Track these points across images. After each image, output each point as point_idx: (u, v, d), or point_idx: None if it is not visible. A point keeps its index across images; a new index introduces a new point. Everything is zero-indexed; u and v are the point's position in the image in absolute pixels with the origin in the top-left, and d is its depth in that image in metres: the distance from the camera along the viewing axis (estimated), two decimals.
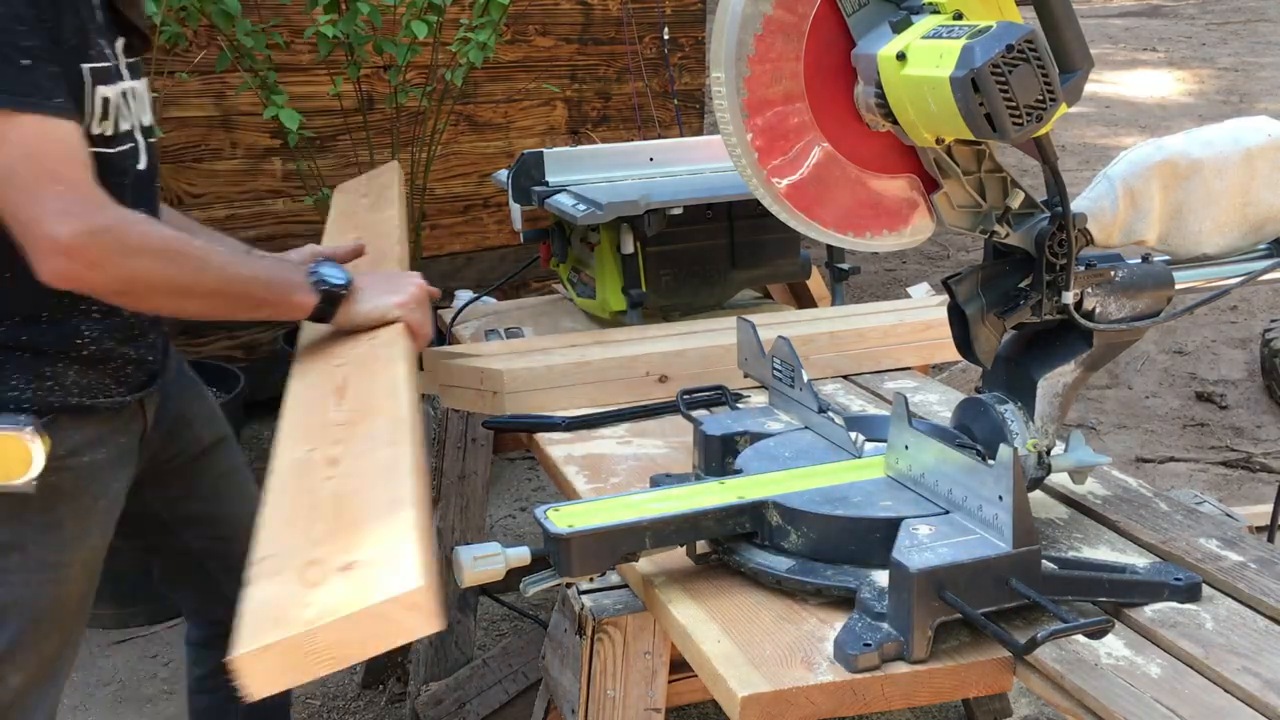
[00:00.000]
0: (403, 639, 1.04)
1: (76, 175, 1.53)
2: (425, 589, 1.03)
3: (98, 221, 1.51)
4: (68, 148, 1.53)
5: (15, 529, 1.67)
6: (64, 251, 1.49)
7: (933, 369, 2.35)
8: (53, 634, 1.75)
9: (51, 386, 1.66)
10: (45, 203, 1.49)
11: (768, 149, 1.44)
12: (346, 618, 1.03)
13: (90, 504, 1.74)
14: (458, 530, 2.62)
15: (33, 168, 1.50)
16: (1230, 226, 1.59)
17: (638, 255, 2.34)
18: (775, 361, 1.77)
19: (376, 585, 1.06)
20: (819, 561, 1.43)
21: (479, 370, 2.07)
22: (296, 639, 1.01)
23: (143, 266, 1.56)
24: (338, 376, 1.63)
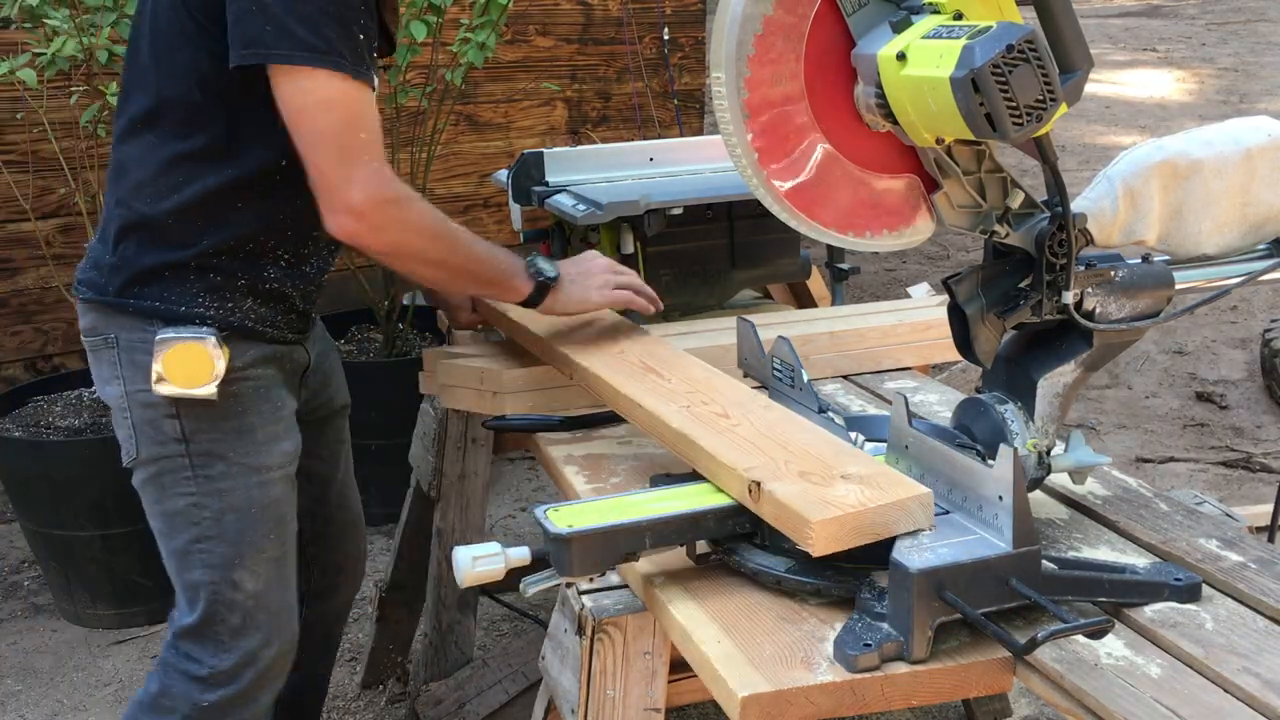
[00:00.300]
0: (908, 528, 1.35)
1: (379, 148, 1.74)
2: (929, 494, 1.37)
3: (389, 193, 1.73)
4: (376, 121, 1.75)
5: (213, 437, 1.86)
6: (357, 214, 1.71)
7: (933, 369, 2.35)
8: (271, 536, 1.93)
9: (232, 309, 1.87)
10: (354, 168, 1.70)
11: (768, 149, 1.44)
12: (888, 504, 1.34)
13: (274, 413, 1.93)
14: (458, 530, 2.62)
15: (352, 133, 1.70)
16: (1230, 226, 1.59)
17: (638, 255, 2.34)
18: (775, 361, 1.77)
19: (894, 487, 1.37)
20: (819, 561, 1.43)
21: (479, 370, 2.07)
22: (857, 514, 1.33)
23: (413, 239, 1.79)
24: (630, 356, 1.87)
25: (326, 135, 1.69)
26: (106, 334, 1.88)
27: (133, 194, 1.84)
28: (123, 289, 1.85)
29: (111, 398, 1.90)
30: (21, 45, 3.17)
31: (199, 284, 1.84)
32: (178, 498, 1.89)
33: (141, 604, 3.35)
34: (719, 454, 1.48)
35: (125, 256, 1.85)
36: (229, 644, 1.92)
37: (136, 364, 1.86)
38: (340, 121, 1.69)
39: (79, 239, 3.89)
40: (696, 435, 1.54)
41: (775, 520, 1.38)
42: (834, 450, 1.48)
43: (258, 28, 1.66)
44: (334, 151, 1.69)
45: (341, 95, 1.69)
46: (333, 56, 1.67)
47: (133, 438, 1.89)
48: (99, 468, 3.17)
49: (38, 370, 4.10)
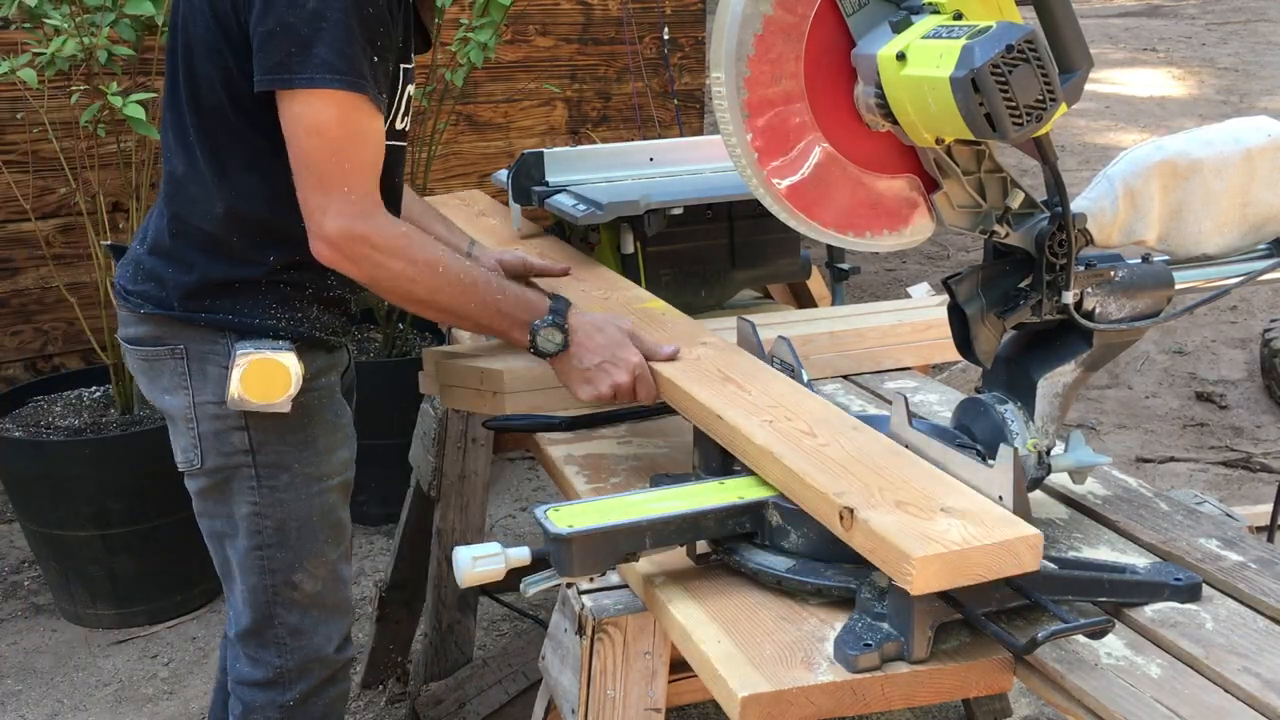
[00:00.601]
0: (1014, 571, 1.25)
1: (365, 180, 1.72)
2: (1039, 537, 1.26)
3: (359, 229, 1.70)
4: (373, 150, 1.73)
5: (279, 449, 1.88)
6: (329, 244, 1.70)
7: (933, 369, 2.35)
8: (330, 541, 1.96)
9: (301, 319, 1.89)
10: (330, 198, 1.69)
11: (768, 149, 1.44)
12: (994, 544, 1.24)
13: (334, 421, 1.95)
14: (458, 530, 2.62)
15: (337, 162, 1.68)
16: (1230, 226, 1.59)
17: (638, 255, 2.34)
18: (775, 361, 1.77)
19: (1000, 527, 1.27)
20: (819, 561, 1.43)
21: (479, 370, 2.07)
22: (961, 553, 1.23)
23: (388, 273, 1.74)
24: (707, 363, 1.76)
25: (311, 162, 1.68)
26: (173, 345, 1.86)
27: (190, 208, 1.83)
28: (190, 303, 1.84)
29: (175, 407, 1.89)
30: (21, 45, 3.17)
31: (270, 295, 1.85)
32: (240, 505, 1.89)
33: (141, 604, 3.35)
34: (807, 476, 1.39)
35: (191, 270, 1.83)
36: (290, 644, 1.96)
37: (207, 375, 1.85)
38: (325, 148, 1.68)
39: (79, 239, 3.89)
40: (783, 454, 1.45)
41: (868, 552, 1.29)
42: (931, 479, 1.38)
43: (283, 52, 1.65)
44: (315, 178, 1.69)
45: (327, 120, 1.67)
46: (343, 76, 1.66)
47: (196, 447, 1.88)
48: (99, 468, 3.18)
49: (38, 370, 4.10)
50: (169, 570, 3.34)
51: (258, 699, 1.98)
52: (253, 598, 1.94)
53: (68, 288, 3.62)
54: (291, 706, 1.98)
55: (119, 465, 3.20)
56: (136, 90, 3.03)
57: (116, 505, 3.21)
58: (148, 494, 3.23)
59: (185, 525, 3.26)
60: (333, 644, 2.00)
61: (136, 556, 3.28)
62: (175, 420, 1.90)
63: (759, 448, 1.48)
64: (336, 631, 2.01)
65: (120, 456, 3.20)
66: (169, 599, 3.37)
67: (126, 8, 2.91)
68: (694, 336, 1.82)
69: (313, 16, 1.63)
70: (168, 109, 1.87)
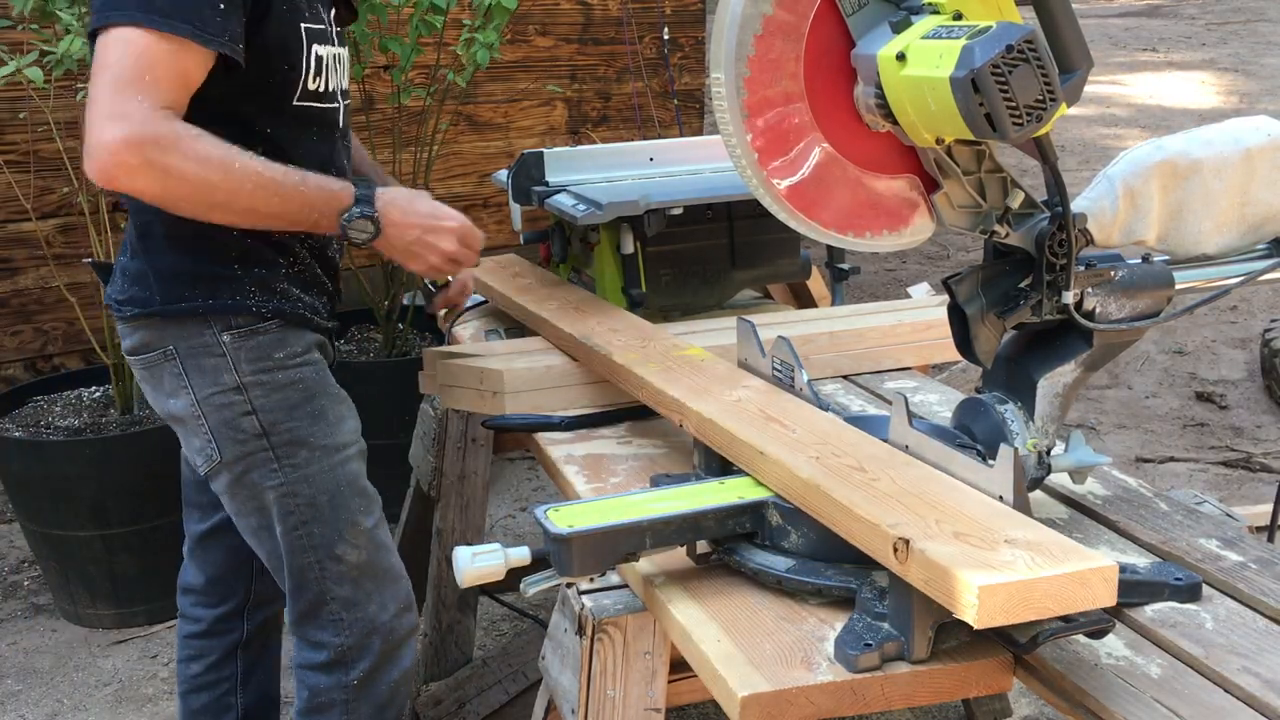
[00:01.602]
0: (1086, 606, 1.19)
1: (159, 94, 1.62)
2: (1114, 568, 1.20)
3: (145, 131, 1.60)
4: (178, 71, 1.65)
5: (290, 425, 1.89)
6: (110, 152, 1.60)
7: (933, 369, 2.35)
8: (363, 510, 1.97)
9: (282, 299, 1.89)
10: (115, 107, 1.59)
11: (768, 150, 1.44)
12: (1064, 575, 1.17)
13: (336, 393, 1.97)
14: (458, 530, 2.62)
15: (135, 72, 1.61)
16: (1230, 226, 1.59)
17: (638, 255, 2.34)
18: (775, 361, 1.77)
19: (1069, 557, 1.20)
20: (819, 561, 1.43)
21: (479, 370, 2.07)
22: (1028, 584, 1.16)
23: (179, 175, 1.64)
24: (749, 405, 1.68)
25: (107, 68, 1.62)
26: (163, 347, 1.86)
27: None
28: (170, 294, 1.85)
29: (180, 410, 1.89)
30: (27, 45, 3.17)
31: (246, 278, 1.85)
32: (268, 491, 1.90)
33: (141, 604, 3.35)
34: (856, 507, 1.33)
35: (165, 262, 1.84)
36: (346, 619, 1.96)
37: (203, 369, 1.86)
38: (102, 71, 1.61)
39: (79, 239, 3.89)
40: (830, 487, 1.38)
41: (925, 585, 1.22)
42: (994, 512, 1.31)
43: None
44: (107, 85, 1.61)
45: (110, 49, 1.62)
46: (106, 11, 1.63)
47: (212, 443, 1.89)
48: (99, 468, 3.18)
49: (38, 370, 4.10)
50: (169, 570, 3.31)
51: (322, 682, 1.99)
52: (302, 578, 1.94)
53: (68, 288, 3.62)
54: (355, 687, 1.98)
55: (119, 465, 3.20)
56: None
57: (116, 505, 3.21)
58: (148, 494, 3.23)
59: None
60: (389, 611, 2.00)
61: (136, 556, 3.28)
62: (186, 422, 1.90)
63: (804, 481, 1.42)
64: (391, 599, 2.01)
65: (120, 456, 3.20)
66: (169, 599, 3.34)
67: None
68: (734, 380, 1.78)
69: None
70: None
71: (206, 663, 2.21)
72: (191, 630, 2.23)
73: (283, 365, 1.90)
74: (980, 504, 1.33)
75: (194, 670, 2.22)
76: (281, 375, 1.89)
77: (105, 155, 1.60)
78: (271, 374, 1.89)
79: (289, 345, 1.90)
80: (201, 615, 2.22)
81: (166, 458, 3.27)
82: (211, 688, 2.21)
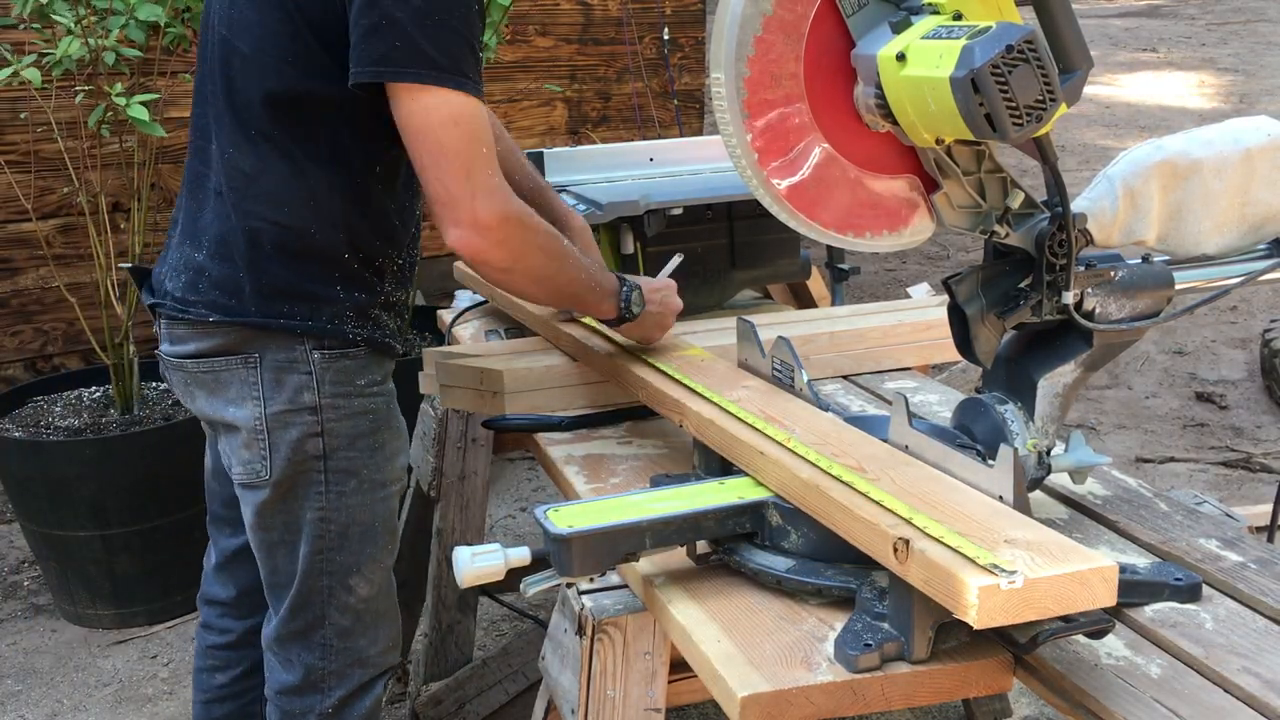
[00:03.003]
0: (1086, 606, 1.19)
1: (498, 165, 1.71)
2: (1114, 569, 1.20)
3: (514, 210, 1.71)
4: (492, 139, 1.72)
5: (349, 455, 1.88)
6: (483, 229, 1.68)
7: (933, 369, 2.35)
8: (387, 547, 1.98)
9: (374, 326, 1.89)
10: (479, 184, 1.67)
11: (768, 150, 1.44)
12: (1064, 575, 1.17)
13: (398, 426, 1.98)
14: (458, 530, 2.62)
15: (476, 148, 1.67)
16: (1230, 226, 1.59)
17: (638, 255, 2.34)
18: (775, 361, 1.77)
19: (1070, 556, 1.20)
20: (819, 561, 1.43)
21: (479, 370, 2.07)
22: (1029, 583, 1.16)
23: (533, 256, 1.75)
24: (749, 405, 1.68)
25: (451, 152, 1.66)
26: (247, 353, 1.82)
27: (264, 206, 1.79)
28: (268, 307, 1.81)
29: (242, 419, 1.84)
30: (28, 45, 3.17)
31: (347, 302, 1.84)
32: (307, 511, 1.88)
33: (141, 604, 3.35)
34: (857, 508, 1.33)
35: (269, 275, 1.80)
36: (336, 645, 1.96)
37: (282, 384, 1.82)
38: (465, 138, 1.67)
39: (79, 239, 3.90)
40: (829, 487, 1.39)
41: (925, 585, 1.22)
42: (992, 511, 1.30)
43: (387, 45, 1.63)
44: (459, 167, 1.66)
45: (465, 113, 1.67)
46: (459, 77, 1.65)
47: (266, 458, 1.85)
48: (99, 468, 3.18)
49: (38, 370, 4.10)
50: (169, 570, 3.34)
51: (295, 706, 1.97)
52: (309, 600, 1.93)
53: (68, 288, 3.62)
54: (329, 713, 1.97)
55: (119, 465, 3.20)
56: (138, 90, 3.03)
57: (116, 505, 3.22)
58: (148, 494, 3.23)
59: (185, 525, 3.29)
60: (377, 646, 2.00)
61: (136, 556, 3.28)
62: (239, 432, 1.85)
63: (804, 481, 1.42)
64: (383, 635, 2.01)
65: (120, 456, 3.20)
66: (169, 599, 3.37)
67: (137, 11, 2.92)
68: (734, 380, 1.78)
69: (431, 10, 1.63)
70: (213, 96, 1.82)
71: (233, 674, 2.17)
72: (218, 642, 2.18)
73: (362, 392, 1.87)
74: (980, 504, 1.32)
75: (219, 680, 2.19)
76: (358, 402, 1.87)
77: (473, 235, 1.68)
78: (349, 399, 1.86)
79: (370, 372, 1.89)
80: (231, 627, 2.17)
81: (166, 458, 3.28)
82: (237, 698, 2.18)
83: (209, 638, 2.20)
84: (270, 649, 1.99)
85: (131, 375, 3.38)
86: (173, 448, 3.25)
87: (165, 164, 3.99)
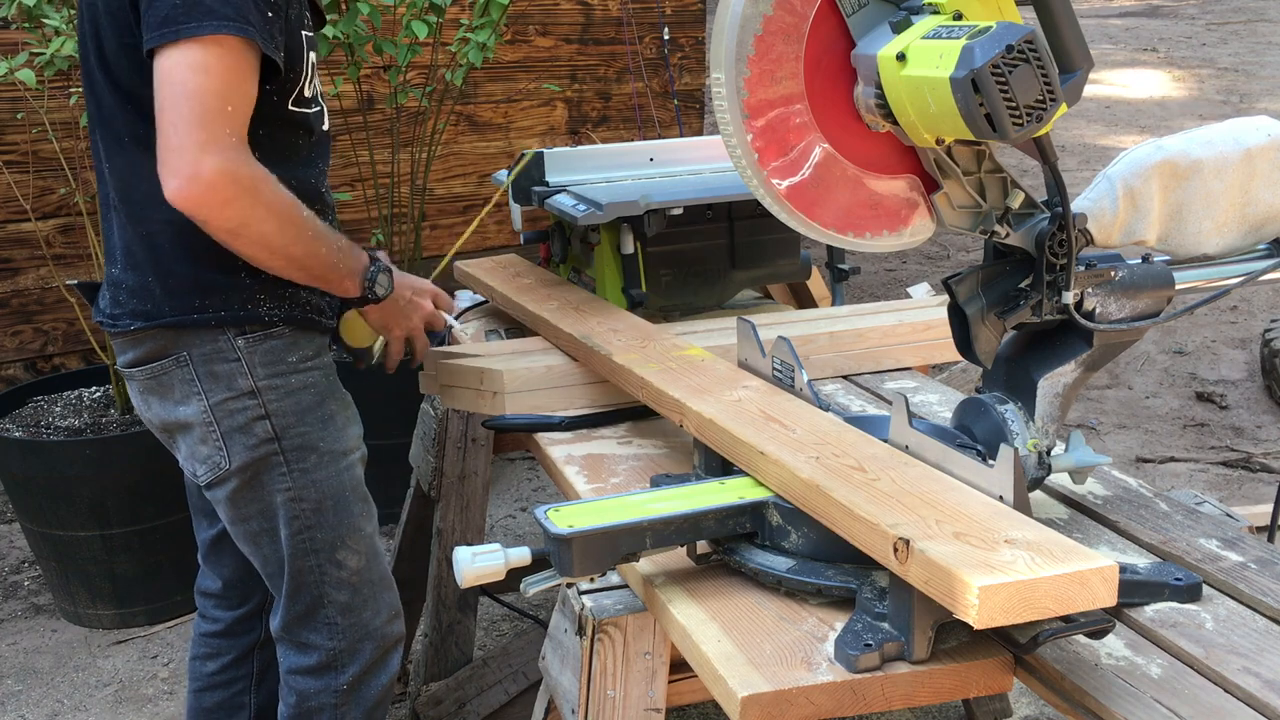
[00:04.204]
0: (1086, 606, 1.19)
1: (243, 125, 1.66)
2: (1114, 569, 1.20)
3: (242, 170, 1.65)
4: (247, 98, 1.67)
5: (301, 430, 1.90)
6: (206, 184, 1.62)
7: (933, 369, 2.35)
8: (364, 515, 1.99)
9: (291, 303, 1.88)
10: (211, 134, 1.61)
11: (768, 150, 1.44)
12: (1064, 575, 1.17)
13: (343, 397, 1.99)
14: (458, 530, 2.62)
15: (221, 102, 1.62)
16: (1230, 226, 1.59)
17: (638, 255, 2.34)
18: (775, 361, 1.77)
19: (1070, 557, 1.20)
20: (819, 561, 1.43)
21: (479, 370, 2.07)
22: (1029, 583, 1.16)
23: (256, 217, 1.69)
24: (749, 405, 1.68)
25: (188, 97, 1.61)
26: (176, 353, 1.84)
27: (146, 206, 1.79)
28: (180, 305, 1.82)
29: (191, 416, 1.87)
30: (21, 45, 3.17)
31: (254, 283, 1.84)
32: (275, 494, 1.90)
33: (141, 604, 3.35)
34: (856, 507, 1.33)
35: (173, 274, 1.81)
36: (341, 623, 1.97)
37: (216, 375, 1.84)
38: (209, 87, 1.61)
39: (79, 239, 3.90)
40: (830, 487, 1.38)
41: (925, 585, 1.22)
42: (992, 511, 1.30)
43: (168, 6, 1.61)
44: (193, 115, 1.60)
45: (221, 62, 1.62)
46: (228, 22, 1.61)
47: (222, 450, 1.87)
48: (99, 468, 3.18)
49: (38, 370, 4.10)
50: (169, 570, 3.34)
51: (311, 686, 1.99)
52: (302, 581, 1.95)
53: (68, 288, 3.62)
54: (345, 690, 1.99)
55: (119, 465, 3.20)
56: None
57: (116, 505, 3.21)
58: (148, 494, 3.23)
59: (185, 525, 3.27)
60: (381, 617, 2.02)
61: (136, 556, 3.28)
62: (192, 429, 1.88)
63: (805, 481, 1.42)
64: (385, 605, 2.03)
65: (120, 456, 3.20)
66: (169, 599, 3.37)
67: None
68: (734, 380, 1.78)
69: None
70: (94, 115, 1.84)
71: (223, 661, 2.21)
72: (209, 629, 2.22)
73: (295, 369, 1.89)
74: (980, 504, 1.32)
75: (209, 668, 2.22)
76: (295, 379, 1.89)
77: (201, 186, 1.62)
78: (285, 378, 1.88)
79: (300, 349, 1.90)
80: (221, 616, 2.22)
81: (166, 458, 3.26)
82: (226, 686, 2.21)
83: (202, 625, 2.25)
84: (280, 638, 2.01)
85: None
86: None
87: None
